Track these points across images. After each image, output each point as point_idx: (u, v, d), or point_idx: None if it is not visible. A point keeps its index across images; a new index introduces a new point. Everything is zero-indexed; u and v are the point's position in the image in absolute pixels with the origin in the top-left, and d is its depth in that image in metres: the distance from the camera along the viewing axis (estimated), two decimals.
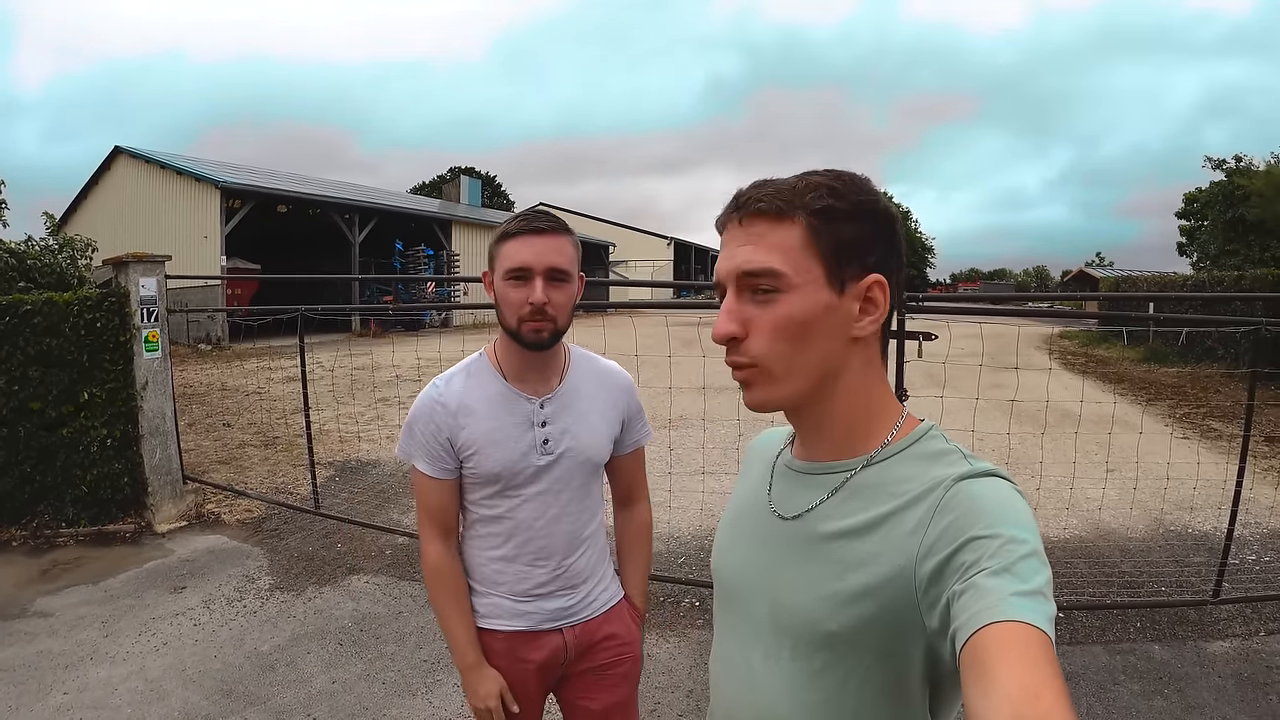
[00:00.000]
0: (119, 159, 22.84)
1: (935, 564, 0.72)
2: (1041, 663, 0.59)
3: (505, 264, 1.49)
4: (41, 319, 5.11)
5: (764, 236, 0.82)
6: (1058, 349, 17.70)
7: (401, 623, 3.84)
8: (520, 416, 1.57)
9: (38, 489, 5.20)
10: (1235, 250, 21.57)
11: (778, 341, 0.81)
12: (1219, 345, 13.04)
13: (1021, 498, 0.75)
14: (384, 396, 9.87)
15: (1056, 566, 4.42)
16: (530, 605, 1.61)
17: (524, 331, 1.49)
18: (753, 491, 1.00)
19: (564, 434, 1.59)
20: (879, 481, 0.83)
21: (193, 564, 4.62)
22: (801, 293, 0.81)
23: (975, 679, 0.60)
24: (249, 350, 14.36)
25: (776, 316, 0.81)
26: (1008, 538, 0.68)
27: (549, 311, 1.48)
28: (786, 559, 0.87)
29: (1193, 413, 9.71)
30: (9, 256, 9.74)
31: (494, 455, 1.55)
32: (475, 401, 1.57)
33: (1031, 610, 0.62)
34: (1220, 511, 4.87)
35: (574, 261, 1.53)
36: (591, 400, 1.64)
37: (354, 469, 6.90)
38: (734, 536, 0.99)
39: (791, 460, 0.94)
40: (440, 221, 27.19)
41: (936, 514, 0.75)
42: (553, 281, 1.49)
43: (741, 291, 0.83)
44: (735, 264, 0.83)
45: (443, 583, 1.62)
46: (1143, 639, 3.64)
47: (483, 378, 1.60)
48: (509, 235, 1.50)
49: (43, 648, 3.60)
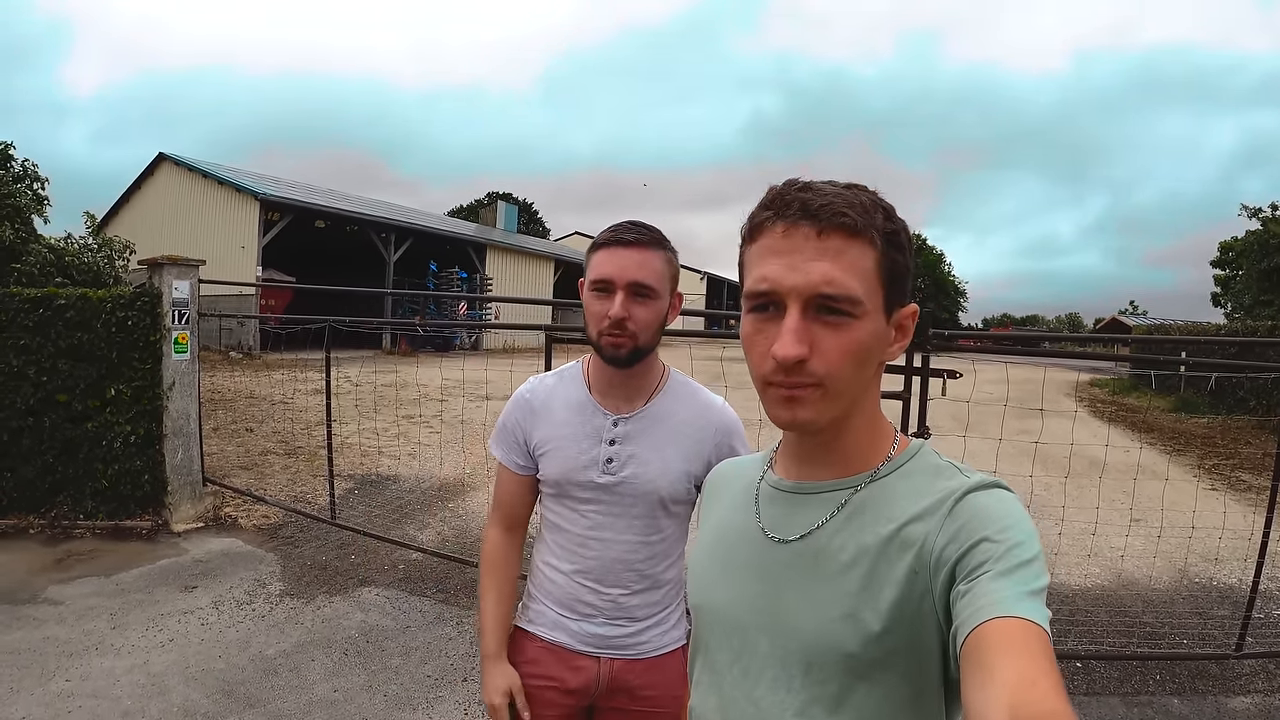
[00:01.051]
0: (162, 165, 23.47)
1: (948, 569, 0.73)
2: (1039, 655, 0.60)
3: (591, 274, 1.46)
4: (74, 313, 5.22)
5: (842, 254, 0.77)
6: (1087, 396, 17.47)
7: (409, 637, 3.82)
8: (592, 429, 1.53)
9: (59, 480, 5.29)
10: (1270, 300, 21.13)
11: (845, 365, 0.78)
12: (1251, 396, 12.77)
13: (1023, 509, 0.76)
14: (409, 414, 9.94)
15: (1077, 615, 4.37)
16: (573, 623, 1.56)
17: (603, 344, 1.45)
18: (734, 519, 0.96)
19: (630, 458, 1.51)
20: (884, 497, 0.82)
21: (206, 565, 4.66)
22: (871, 320, 0.79)
23: (974, 669, 0.62)
24: (279, 361, 14.56)
25: (850, 342, 0.77)
26: (1014, 543, 0.70)
27: (629, 327, 1.42)
28: (791, 583, 0.84)
29: (1221, 464, 9.50)
30: (48, 252, 10.00)
31: (557, 459, 1.54)
32: (557, 404, 1.57)
33: (1032, 609, 0.64)
34: (1246, 564, 4.75)
35: (663, 278, 1.46)
36: (674, 432, 1.54)
37: (374, 483, 6.93)
38: (720, 568, 0.94)
39: (780, 482, 0.91)
40: (475, 245, 27.56)
41: (947, 522, 0.75)
42: (636, 297, 1.43)
43: (809, 309, 0.77)
44: (811, 281, 0.76)
45: (492, 570, 1.63)
46: (1162, 692, 3.54)
47: (571, 384, 1.59)
48: (599, 245, 1.46)
49: (50, 634, 3.64)
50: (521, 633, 1.62)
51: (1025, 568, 0.68)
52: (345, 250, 26.48)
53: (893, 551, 0.78)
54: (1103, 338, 14.46)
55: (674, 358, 1.93)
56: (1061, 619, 4.26)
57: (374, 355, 16.52)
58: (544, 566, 1.61)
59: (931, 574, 0.74)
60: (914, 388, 3.47)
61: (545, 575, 1.60)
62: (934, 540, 0.75)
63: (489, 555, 1.65)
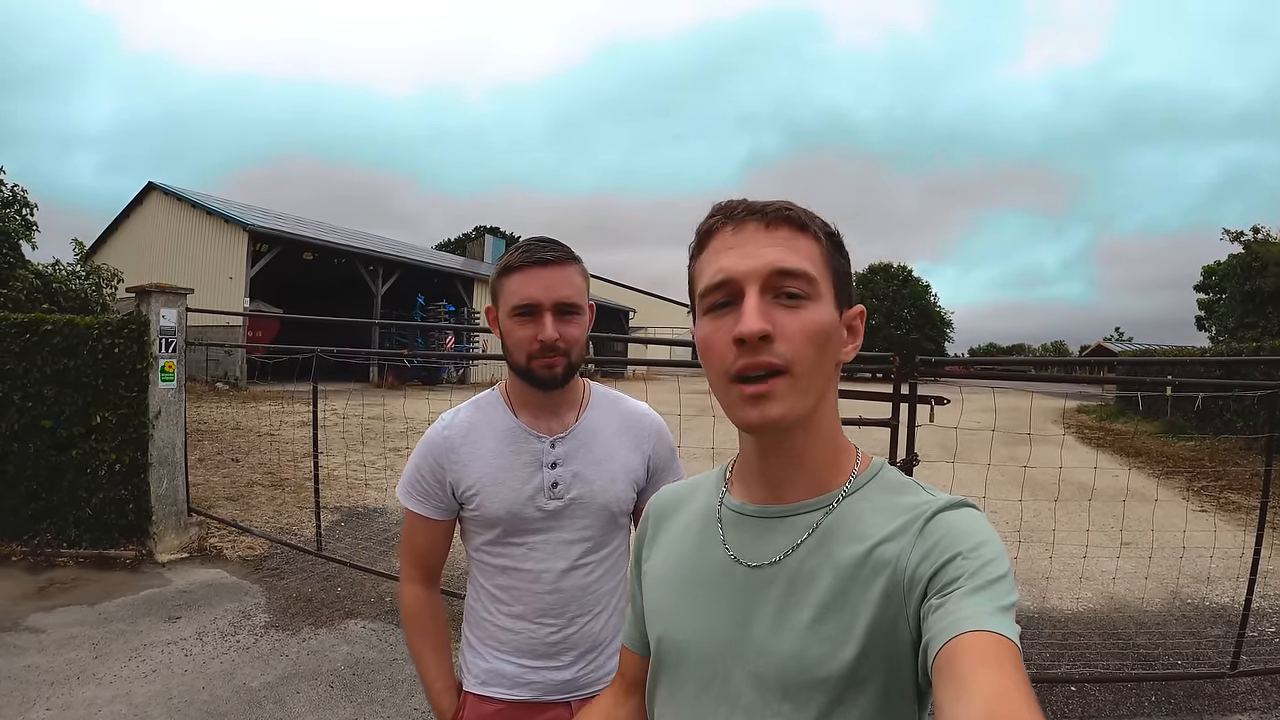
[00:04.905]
0: (151, 194, 23.46)
1: (921, 587, 0.73)
2: (1011, 669, 0.61)
3: (511, 300, 1.39)
4: (61, 339, 5.19)
5: (791, 242, 0.80)
6: (1074, 423, 17.55)
7: (395, 669, 3.76)
8: (528, 456, 1.45)
9: (42, 507, 5.22)
10: (1254, 322, 21.33)
11: (808, 348, 0.78)
12: (1237, 417, 12.85)
13: (991, 528, 0.77)
14: (395, 446, 9.87)
15: (1070, 639, 4.35)
16: (536, 674, 1.45)
17: (535, 369, 1.40)
18: (694, 546, 0.93)
19: (575, 478, 1.46)
20: (854, 516, 0.82)
21: (190, 595, 4.59)
22: (825, 304, 0.80)
23: (948, 683, 0.62)
24: (265, 392, 14.45)
25: (808, 322, 0.78)
26: (986, 560, 0.71)
27: (561, 347, 1.39)
28: (765, 609, 0.83)
29: (1210, 485, 9.54)
30: (35, 278, 9.95)
31: (497, 496, 1.44)
32: (481, 437, 1.47)
33: (1004, 624, 0.65)
34: (1238, 583, 4.76)
35: (583, 291, 1.44)
36: (612, 443, 1.51)
37: (360, 515, 6.87)
38: (682, 597, 0.90)
39: (744, 506, 0.89)
40: (463, 278, 27.59)
41: (919, 541, 0.76)
42: (563, 315, 1.39)
43: (766, 293, 0.78)
44: (766, 261, 0.78)
45: (421, 626, 1.53)
46: (1157, 713, 3.53)
47: (491, 413, 1.50)
48: (512, 268, 1.40)
49: (30, 662, 3.58)
50: (475, 699, 1.49)
51: (997, 584, 0.69)
52: (333, 283, 26.41)
53: (867, 573, 0.78)
54: (1089, 362, 14.60)
55: (662, 390, 1.92)
56: (1055, 644, 4.25)
57: (361, 388, 16.42)
58: (492, 617, 1.49)
59: (905, 593, 0.75)
60: (902, 415, 3.49)
61: (497, 626, 1.48)
62: (907, 559, 0.76)
63: (416, 613, 1.54)
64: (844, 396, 3.86)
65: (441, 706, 1.50)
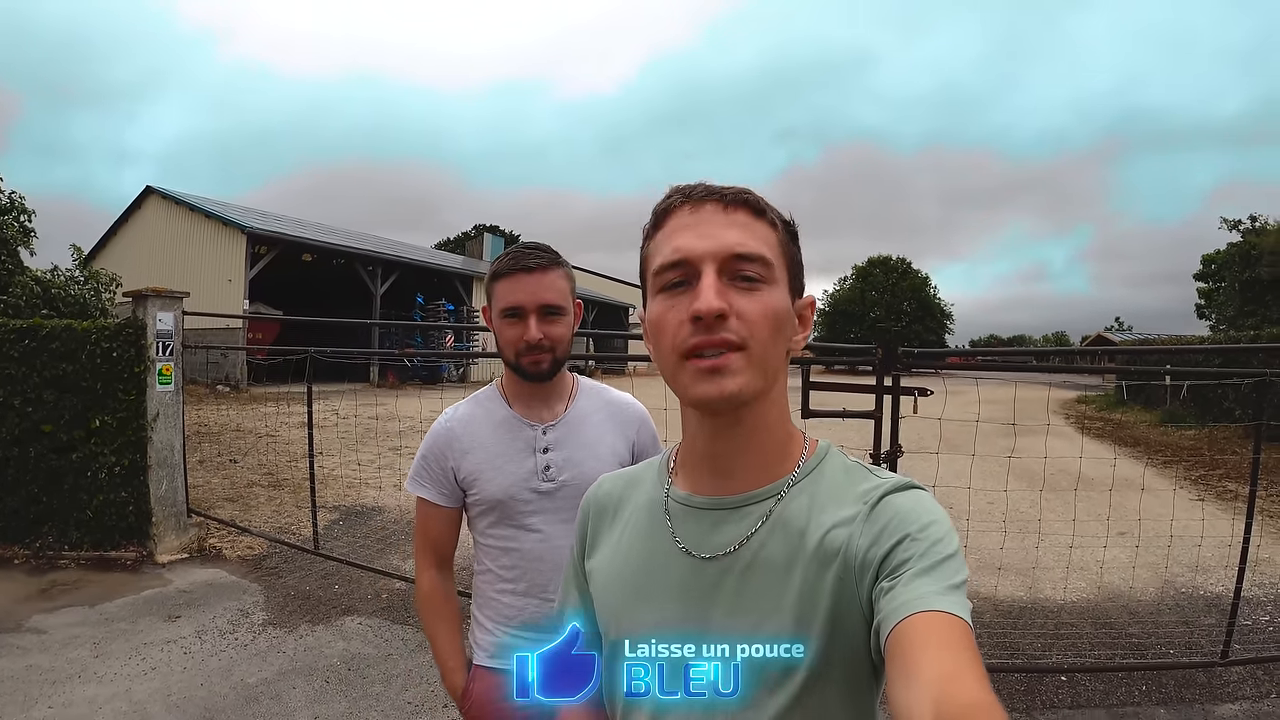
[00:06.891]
0: (150, 198, 23.44)
1: (873, 570, 0.73)
2: (962, 648, 0.61)
3: (499, 304, 1.53)
4: (60, 344, 5.23)
5: (749, 226, 0.81)
6: (1075, 414, 17.53)
7: (390, 665, 3.80)
8: (522, 443, 1.58)
9: (43, 510, 5.27)
10: (1253, 311, 21.34)
11: (764, 328, 0.78)
12: (1236, 405, 12.86)
13: (940, 507, 0.78)
14: (394, 445, 9.92)
15: (1062, 629, 4.36)
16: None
17: (523, 365, 1.54)
18: (643, 540, 0.91)
19: (566, 462, 1.58)
20: (805, 502, 0.82)
21: (190, 595, 4.62)
22: (780, 290, 0.81)
23: (899, 665, 0.63)
24: (265, 394, 14.48)
25: (764, 306, 0.79)
26: (934, 539, 0.72)
27: (545, 344, 1.52)
28: (723, 600, 0.82)
29: (1208, 474, 9.54)
30: (34, 284, 9.97)
31: (495, 480, 1.56)
32: (480, 427, 1.60)
33: (954, 603, 0.65)
34: (1231, 571, 4.75)
35: (567, 294, 1.55)
36: (598, 430, 1.63)
37: (359, 514, 6.90)
38: (636, 594, 0.88)
39: (690, 498, 0.88)
40: (462, 277, 27.57)
41: (867, 525, 0.77)
42: (547, 317, 1.52)
43: (722, 274, 0.78)
44: (724, 244, 0.79)
45: (435, 607, 1.64)
46: (1148, 702, 3.53)
47: (489, 405, 1.63)
48: (500, 275, 1.53)
49: (32, 662, 3.62)
50: (483, 670, 1.60)
51: (946, 563, 0.69)
52: (332, 284, 26.43)
53: (821, 559, 0.78)
54: (1089, 351, 14.58)
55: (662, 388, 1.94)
56: (1046, 633, 4.26)
57: (360, 388, 16.45)
58: (498, 595, 1.61)
59: (857, 577, 0.75)
60: (885, 407, 3.48)
61: (502, 603, 1.60)
62: (857, 543, 0.76)
63: (431, 597, 1.64)
64: (827, 389, 3.81)
65: (454, 682, 1.61)
